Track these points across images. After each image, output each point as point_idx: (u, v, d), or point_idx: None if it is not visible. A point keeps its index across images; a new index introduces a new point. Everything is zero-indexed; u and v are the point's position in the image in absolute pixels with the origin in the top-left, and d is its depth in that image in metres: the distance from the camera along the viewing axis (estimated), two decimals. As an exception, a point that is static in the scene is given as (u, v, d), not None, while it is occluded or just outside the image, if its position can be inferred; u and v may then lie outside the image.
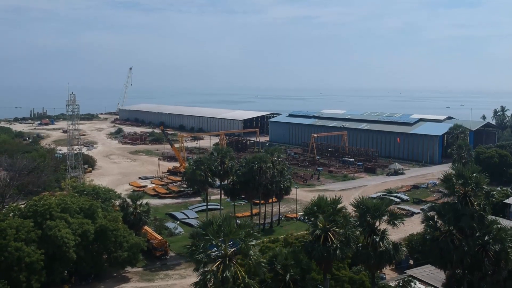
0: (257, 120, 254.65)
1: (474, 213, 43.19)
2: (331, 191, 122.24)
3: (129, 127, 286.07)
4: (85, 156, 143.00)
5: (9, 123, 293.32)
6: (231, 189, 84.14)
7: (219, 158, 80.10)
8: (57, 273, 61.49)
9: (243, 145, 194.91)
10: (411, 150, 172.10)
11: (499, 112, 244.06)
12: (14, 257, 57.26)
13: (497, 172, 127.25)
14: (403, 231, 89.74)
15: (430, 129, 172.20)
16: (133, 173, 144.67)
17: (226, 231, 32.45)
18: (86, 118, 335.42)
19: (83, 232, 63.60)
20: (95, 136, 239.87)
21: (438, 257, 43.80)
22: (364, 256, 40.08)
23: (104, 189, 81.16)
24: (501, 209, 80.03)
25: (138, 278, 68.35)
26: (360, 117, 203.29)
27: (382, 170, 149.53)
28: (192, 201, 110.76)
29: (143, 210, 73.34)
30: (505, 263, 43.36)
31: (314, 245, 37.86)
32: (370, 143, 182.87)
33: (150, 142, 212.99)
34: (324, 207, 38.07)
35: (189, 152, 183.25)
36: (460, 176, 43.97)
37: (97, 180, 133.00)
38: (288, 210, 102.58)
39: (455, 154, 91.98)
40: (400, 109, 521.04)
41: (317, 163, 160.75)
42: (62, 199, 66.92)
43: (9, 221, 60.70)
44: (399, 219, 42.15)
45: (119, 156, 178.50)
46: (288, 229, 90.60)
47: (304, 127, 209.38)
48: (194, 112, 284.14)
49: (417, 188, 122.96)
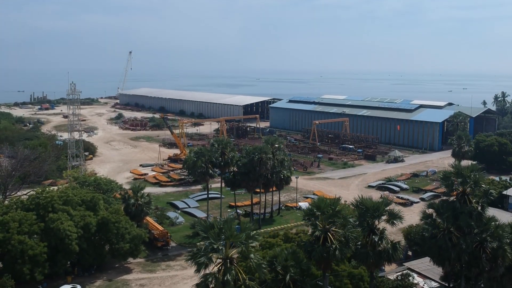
0: (258, 106, 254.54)
1: (472, 211, 43.70)
2: (331, 179, 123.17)
3: (130, 112, 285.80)
4: (86, 143, 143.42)
5: (9, 107, 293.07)
6: (231, 179, 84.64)
7: (219, 149, 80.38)
8: (60, 265, 62.31)
9: (243, 131, 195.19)
10: (411, 137, 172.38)
11: (499, 98, 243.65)
12: (18, 250, 58.11)
13: (497, 160, 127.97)
14: (403, 221, 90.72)
15: (431, 115, 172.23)
16: (133, 160, 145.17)
17: (227, 235, 32.93)
18: (86, 102, 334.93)
19: (85, 225, 64.30)
20: (95, 121, 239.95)
21: (436, 255, 44.43)
22: (363, 255, 40.68)
23: (106, 180, 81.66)
24: (499, 200, 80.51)
25: (140, 269, 69.19)
26: (360, 103, 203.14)
27: (382, 157, 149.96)
28: (192, 190, 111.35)
29: (144, 201, 73.81)
30: (502, 260, 43.97)
31: (313, 245, 38.38)
32: (371, 130, 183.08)
33: (151, 128, 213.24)
34: (323, 208, 38.49)
35: (190, 138, 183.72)
36: (459, 175, 44.38)
37: (98, 168, 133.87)
38: (288, 199, 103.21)
39: (455, 144, 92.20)
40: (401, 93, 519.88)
41: (318, 150, 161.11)
42: (64, 191, 67.47)
43: (12, 214, 61.34)
44: (398, 218, 42.63)
45: (120, 142, 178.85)
46: (288, 218, 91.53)
47: (305, 113, 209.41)
48: (195, 97, 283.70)
49: (416, 177, 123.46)
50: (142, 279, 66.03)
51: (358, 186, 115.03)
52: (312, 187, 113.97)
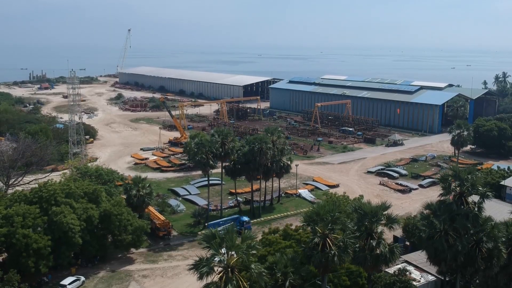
0: (258, 86, 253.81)
1: (469, 212, 44.47)
2: (331, 164, 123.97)
3: (129, 91, 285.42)
4: (86, 126, 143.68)
5: (8, 87, 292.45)
6: (232, 169, 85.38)
7: (220, 140, 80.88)
8: (64, 257, 63.42)
9: (243, 113, 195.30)
10: (411, 119, 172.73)
11: (500, 78, 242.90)
12: (22, 244, 59.08)
13: (496, 145, 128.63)
14: (401, 208, 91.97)
15: (431, 98, 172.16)
16: (134, 144, 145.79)
17: (229, 245, 33.73)
18: (86, 81, 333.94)
19: (88, 217, 65.29)
20: (95, 101, 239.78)
21: (432, 255, 45.37)
22: (361, 258, 41.59)
23: (107, 170, 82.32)
24: (497, 190, 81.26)
25: (143, 259, 70.43)
26: (361, 84, 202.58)
27: (381, 140, 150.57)
28: (193, 175, 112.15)
29: (146, 192, 74.65)
30: (497, 260, 44.92)
31: (313, 251, 39.23)
32: (371, 112, 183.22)
33: (151, 109, 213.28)
34: (323, 215, 39.21)
35: (190, 120, 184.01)
36: (457, 177, 44.99)
37: (99, 152, 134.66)
38: (288, 185, 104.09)
39: (455, 134, 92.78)
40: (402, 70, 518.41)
41: (318, 132, 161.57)
42: (66, 184, 68.19)
43: (16, 208, 62.15)
44: (395, 223, 43.45)
45: (120, 124, 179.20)
46: (288, 206, 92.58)
47: (305, 94, 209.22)
48: (194, 76, 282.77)
49: (415, 161, 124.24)
50: (145, 269, 67.32)
51: (358, 172, 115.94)
52: (312, 172, 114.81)
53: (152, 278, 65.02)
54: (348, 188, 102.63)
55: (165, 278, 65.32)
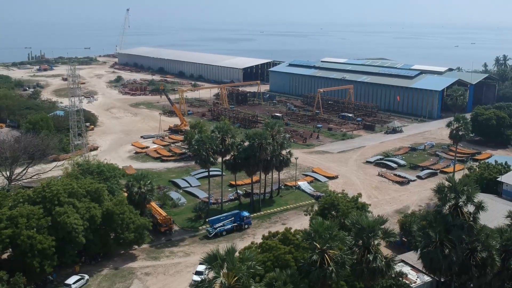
0: (258, 68, 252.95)
1: (464, 223, 45.52)
2: (330, 153, 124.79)
3: (128, 72, 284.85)
4: (87, 113, 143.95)
5: (7, 68, 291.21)
6: (232, 164, 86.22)
7: (220, 136, 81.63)
8: (68, 256, 64.68)
9: (243, 97, 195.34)
10: (411, 105, 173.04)
11: (501, 61, 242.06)
12: (27, 245, 60.25)
13: (494, 134, 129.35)
14: (399, 201, 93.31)
15: (431, 83, 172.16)
16: (134, 131, 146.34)
17: (229, 266, 34.80)
18: (85, 62, 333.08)
19: (90, 217, 66.41)
20: (95, 84, 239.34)
21: (428, 265, 46.61)
22: (359, 272, 42.78)
23: (109, 166, 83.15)
24: (494, 185, 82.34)
25: (145, 256, 71.82)
26: (361, 68, 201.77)
27: (381, 127, 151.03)
28: (194, 165, 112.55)
29: (147, 189, 75.62)
30: (491, 269, 46.16)
31: (311, 267, 40.33)
32: (371, 97, 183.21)
33: (150, 93, 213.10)
34: (322, 233, 40.20)
35: (190, 104, 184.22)
36: (452, 190, 45.89)
37: (99, 140, 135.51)
38: (287, 176, 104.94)
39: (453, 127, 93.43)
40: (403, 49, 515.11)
41: (317, 119, 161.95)
42: (69, 183, 69.07)
43: (20, 209, 63.14)
44: (391, 237, 44.52)
45: (120, 109, 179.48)
46: (287, 199, 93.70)
47: (305, 78, 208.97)
48: (194, 58, 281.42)
49: (414, 151, 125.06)
50: (147, 267, 68.72)
51: (357, 162, 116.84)
52: (311, 162, 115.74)
53: (154, 276, 66.43)
54: (347, 179, 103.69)
55: (167, 276, 66.75)
